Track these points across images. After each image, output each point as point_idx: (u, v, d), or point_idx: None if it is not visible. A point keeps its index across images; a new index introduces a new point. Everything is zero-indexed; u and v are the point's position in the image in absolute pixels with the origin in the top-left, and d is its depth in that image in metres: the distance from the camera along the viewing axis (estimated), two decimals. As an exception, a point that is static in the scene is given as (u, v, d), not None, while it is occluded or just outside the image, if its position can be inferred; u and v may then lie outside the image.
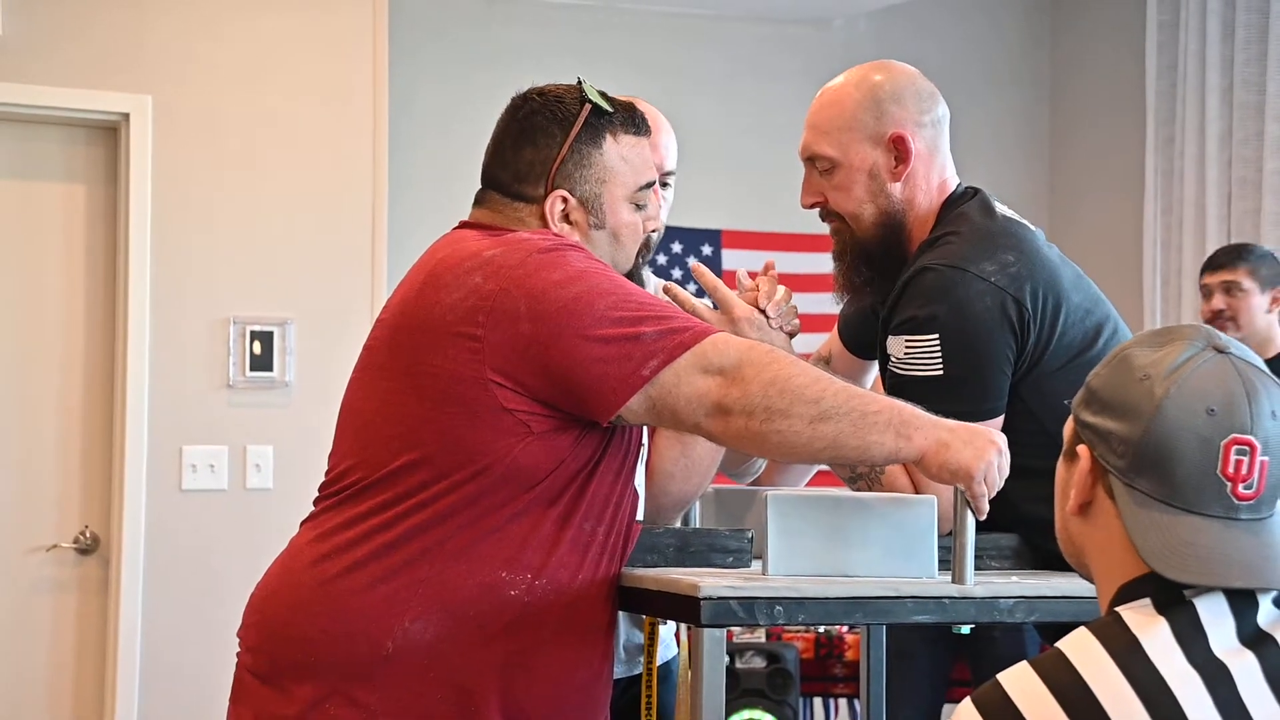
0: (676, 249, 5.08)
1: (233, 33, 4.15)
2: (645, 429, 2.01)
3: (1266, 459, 1.25)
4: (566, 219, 1.88)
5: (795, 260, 4.86)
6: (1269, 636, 1.25)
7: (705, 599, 1.68)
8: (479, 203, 1.93)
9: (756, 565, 1.93)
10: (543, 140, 1.87)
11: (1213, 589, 1.25)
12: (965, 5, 5.52)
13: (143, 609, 3.99)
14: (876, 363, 2.35)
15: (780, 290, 2.06)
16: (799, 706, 4.28)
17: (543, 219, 1.88)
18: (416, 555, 1.75)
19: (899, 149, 2.09)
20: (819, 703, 4.51)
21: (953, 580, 1.80)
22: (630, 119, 1.91)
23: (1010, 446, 1.95)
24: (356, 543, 1.77)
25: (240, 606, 1.91)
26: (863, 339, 2.30)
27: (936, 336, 1.98)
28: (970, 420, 1.89)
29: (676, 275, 5.02)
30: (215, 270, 4.09)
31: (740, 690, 4.18)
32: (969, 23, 5.51)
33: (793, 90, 5.30)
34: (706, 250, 5.15)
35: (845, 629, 4.35)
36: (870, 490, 2.01)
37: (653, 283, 2.49)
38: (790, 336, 2.09)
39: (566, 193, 1.87)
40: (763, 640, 4.30)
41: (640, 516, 1.95)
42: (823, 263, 2.21)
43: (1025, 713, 1.22)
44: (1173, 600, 1.25)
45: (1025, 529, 2.07)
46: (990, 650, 4.09)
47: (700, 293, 2.21)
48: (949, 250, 2.03)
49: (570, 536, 1.79)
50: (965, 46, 5.47)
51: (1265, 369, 1.31)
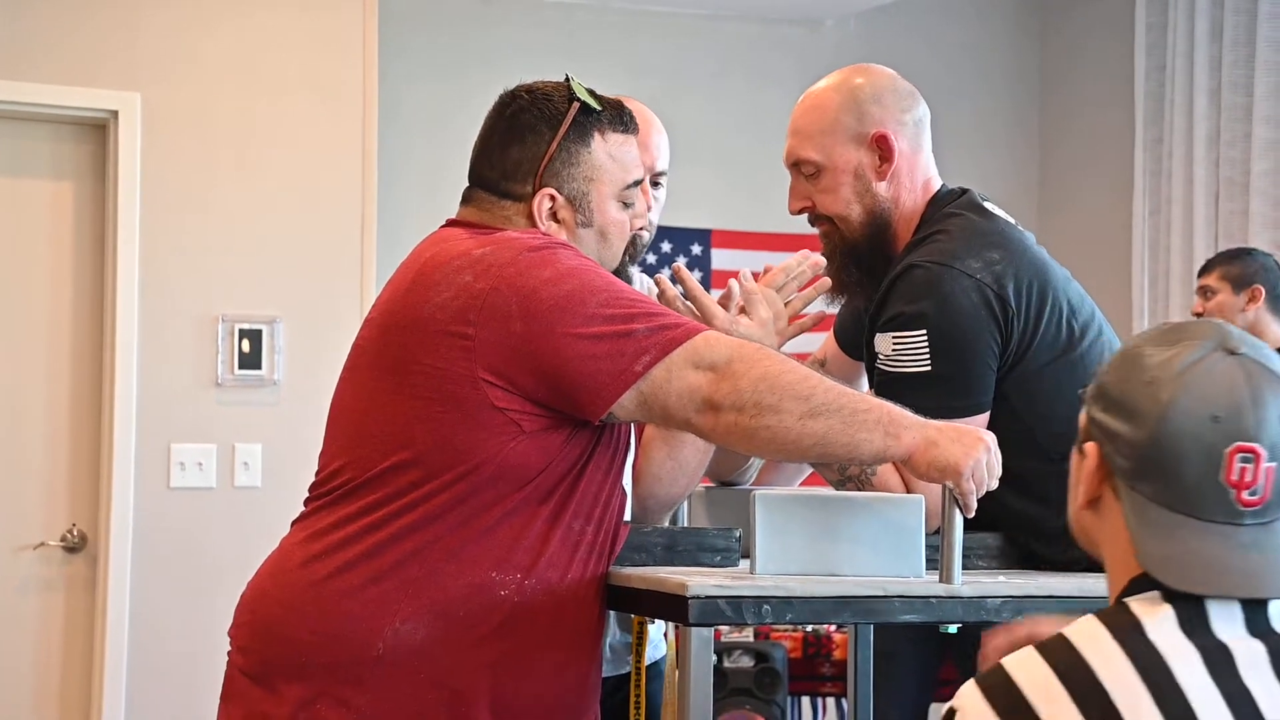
0: (666, 248, 5.08)
1: (221, 30, 4.14)
2: (634, 430, 2.01)
3: (1273, 465, 1.24)
4: (554, 217, 1.88)
5: (784, 261, 4.86)
6: (1277, 633, 1.24)
7: (693, 598, 1.68)
8: (466, 201, 1.93)
9: (744, 564, 1.93)
10: (531, 138, 1.87)
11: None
12: (956, 6, 5.53)
13: (130, 607, 3.98)
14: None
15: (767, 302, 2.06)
16: (786, 706, 4.29)
17: (530, 217, 1.87)
18: (407, 556, 1.75)
19: (882, 148, 2.10)
20: (806, 702, 4.51)
21: (940, 579, 1.80)
22: (618, 117, 1.91)
23: (1002, 451, 1.96)
24: (347, 543, 1.77)
25: (229, 604, 1.90)
26: (857, 340, 2.30)
27: (924, 332, 1.99)
28: (958, 415, 1.89)
29: (667, 276, 5.02)
30: (203, 268, 4.09)
31: (728, 689, 4.19)
32: (959, 23, 5.52)
33: (783, 90, 5.30)
34: (696, 250, 5.15)
35: (833, 628, 4.36)
36: (860, 490, 2.01)
37: (644, 283, 2.49)
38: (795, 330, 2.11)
39: (554, 191, 1.87)
40: (751, 639, 4.30)
41: (627, 517, 1.95)
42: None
43: (1026, 691, 1.21)
44: (1181, 594, 1.24)
45: (1012, 528, 2.08)
46: (978, 650, 4.10)
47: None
48: (936, 248, 2.04)
49: (560, 535, 1.79)
50: (956, 47, 5.48)
51: (1278, 369, 1.28)
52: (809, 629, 4.36)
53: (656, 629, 2.25)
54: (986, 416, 2.02)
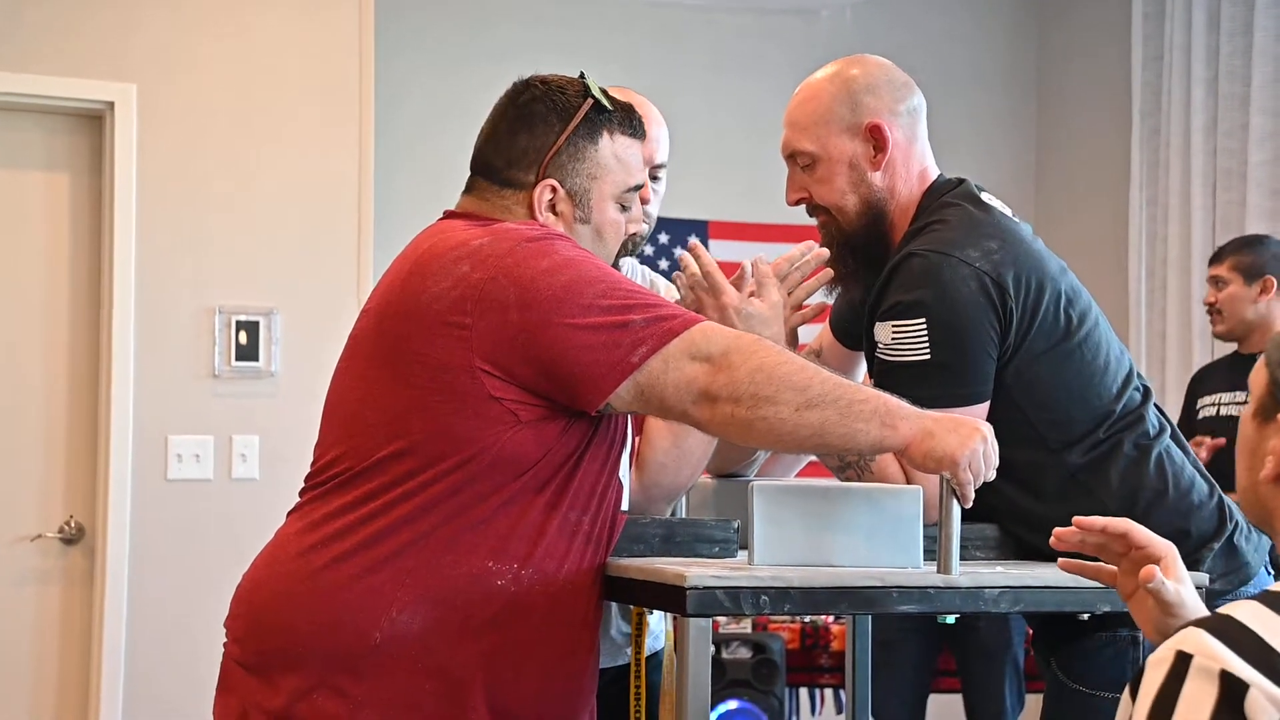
0: (664, 240, 5.08)
1: (218, 22, 4.14)
2: (631, 420, 2.01)
3: None
4: (553, 209, 1.88)
5: (782, 251, 4.86)
6: None
7: (691, 589, 1.68)
8: (468, 190, 1.93)
9: (742, 555, 1.93)
10: (541, 128, 1.87)
11: None
12: (952, -4, 5.53)
13: (128, 599, 3.98)
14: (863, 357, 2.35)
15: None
16: (784, 697, 4.29)
17: (530, 207, 1.87)
18: (404, 545, 1.75)
19: (876, 138, 2.11)
20: (804, 693, 4.52)
21: (938, 570, 1.80)
22: (628, 120, 1.91)
23: (1000, 442, 1.96)
24: (344, 533, 1.77)
25: (226, 596, 1.90)
26: (853, 330, 2.31)
27: (923, 321, 1.99)
28: (958, 404, 1.89)
29: (664, 266, 5.02)
30: (200, 260, 4.08)
31: (726, 680, 4.19)
32: (955, 13, 5.52)
33: (779, 81, 5.29)
34: (693, 240, 5.14)
35: (831, 619, 4.36)
36: (860, 478, 2.02)
37: (644, 274, 2.49)
38: (797, 322, 2.11)
39: (556, 183, 1.87)
40: (749, 631, 4.31)
41: (625, 507, 1.95)
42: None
43: (1256, 628, 1.17)
44: None
45: (1009, 520, 2.08)
46: (975, 640, 4.11)
47: None
48: (934, 237, 2.05)
49: (556, 526, 1.79)
50: (952, 36, 5.47)
51: None
52: (807, 620, 4.36)
53: (658, 620, 2.25)
54: (987, 406, 2.02)
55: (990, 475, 1.78)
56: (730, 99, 5.21)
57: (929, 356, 1.99)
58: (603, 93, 1.90)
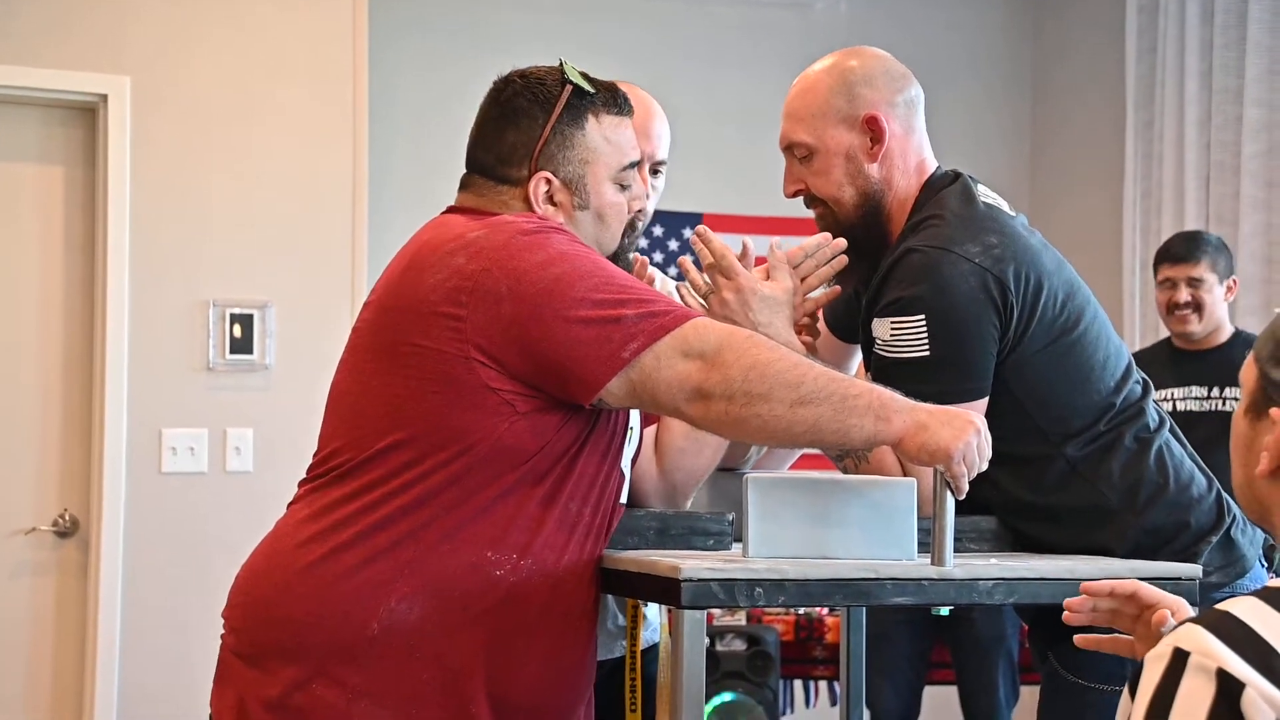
0: (658, 232, 5.08)
1: (211, 13, 4.13)
2: (639, 412, 2.01)
3: None
4: (551, 200, 1.88)
5: (779, 243, 4.86)
6: None
7: (686, 581, 1.68)
8: (464, 186, 1.94)
9: (737, 548, 1.93)
10: (525, 122, 1.87)
11: None
12: (946, -11, 5.52)
13: (122, 592, 3.98)
14: (858, 349, 2.35)
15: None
16: (779, 689, 4.30)
17: (527, 201, 1.88)
18: (402, 536, 1.75)
19: (873, 130, 2.11)
20: (799, 685, 4.53)
21: (932, 562, 1.81)
22: (612, 99, 1.91)
23: (993, 432, 1.96)
24: (342, 524, 1.77)
25: (220, 588, 1.91)
26: (846, 322, 2.31)
27: (922, 317, 1.99)
28: (957, 400, 1.89)
29: (658, 259, 5.02)
30: (194, 253, 4.08)
31: (721, 673, 4.19)
32: (950, 6, 5.52)
33: (774, 75, 5.29)
34: (688, 233, 5.14)
35: (825, 612, 4.37)
36: (857, 468, 2.02)
37: (659, 281, 2.48)
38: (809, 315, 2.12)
39: (550, 174, 1.87)
40: (743, 623, 4.31)
41: (625, 499, 1.96)
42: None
43: (1253, 624, 1.17)
44: None
45: (1007, 512, 2.08)
46: (969, 632, 4.12)
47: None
48: (933, 233, 2.04)
49: (556, 517, 1.79)
50: (947, 30, 5.47)
51: None
52: (801, 612, 4.37)
53: (654, 612, 2.25)
54: (986, 401, 2.02)
55: (983, 467, 1.78)
56: (725, 92, 5.21)
57: (928, 353, 1.99)
58: (583, 76, 1.90)
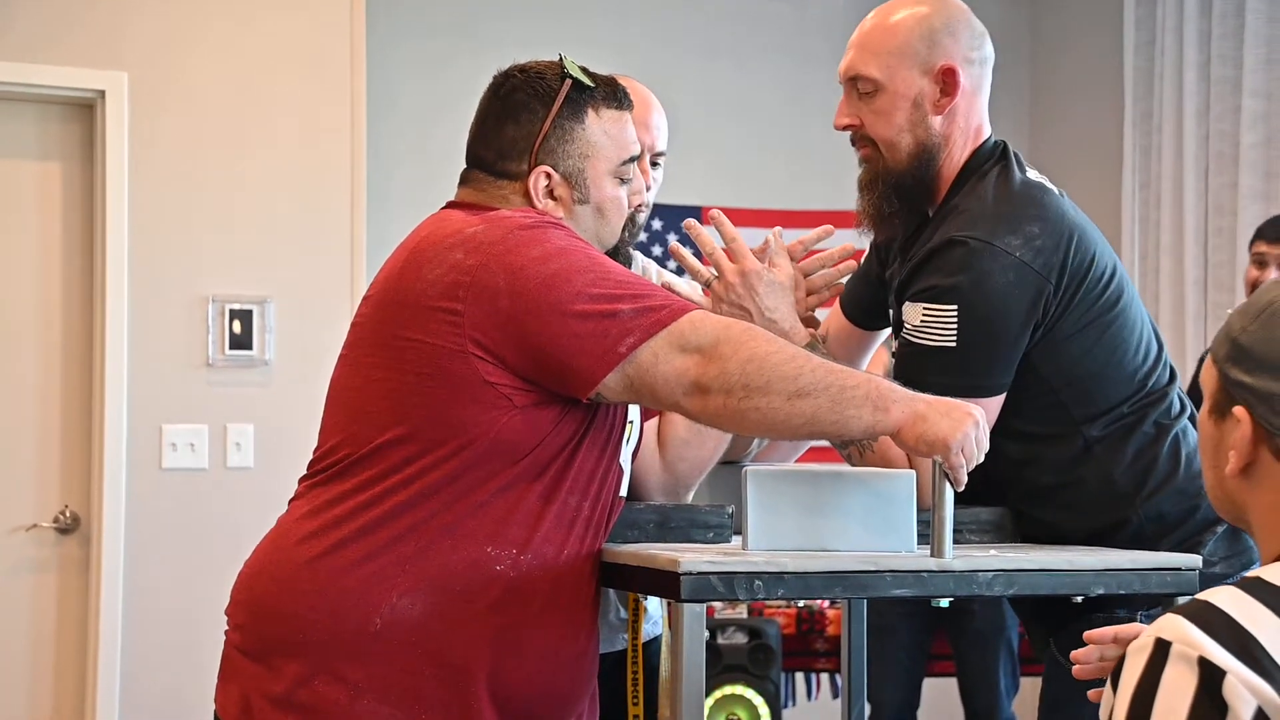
0: (657, 226, 5.08)
1: (210, 9, 4.12)
2: (639, 406, 2.01)
3: None
4: (551, 195, 1.88)
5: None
6: None
7: (685, 574, 1.68)
8: (464, 181, 1.94)
9: (737, 541, 1.94)
10: (524, 117, 1.87)
11: None
12: (944, -20, 5.52)
13: (124, 588, 3.98)
14: (879, 335, 2.33)
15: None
16: (781, 682, 4.30)
17: (527, 196, 1.88)
18: (403, 532, 1.76)
19: (947, 81, 2.06)
20: (800, 678, 4.53)
21: (931, 554, 1.81)
22: (612, 93, 1.91)
23: (1017, 411, 1.95)
24: (343, 519, 1.78)
25: (222, 585, 1.91)
26: (867, 305, 2.27)
27: (955, 308, 1.97)
28: (973, 395, 1.88)
29: (657, 253, 5.02)
30: (193, 248, 4.08)
31: (722, 666, 4.20)
32: None
33: (772, 67, 5.30)
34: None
35: (826, 604, 4.37)
36: (862, 458, 2.01)
37: (638, 262, 2.49)
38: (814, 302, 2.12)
39: (550, 169, 1.87)
40: (744, 616, 4.31)
41: (625, 492, 1.96)
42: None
43: (1233, 613, 1.17)
44: None
45: (1020, 494, 2.07)
46: (970, 624, 4.12)
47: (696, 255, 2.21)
48: (976, 219, 2.00)
49: (555, 511, 1.79)
50: (944, 22, 5.46)
51: None
52: (802, 605, 4.37)
53: (656, 605, 2.25)
54: (1002, 397, 2.00)
55: (980, 459, 1.78)
56: (723, 85, 5.21)
57: (954, 345, 1.97)
58: (583, 70, 1.90)
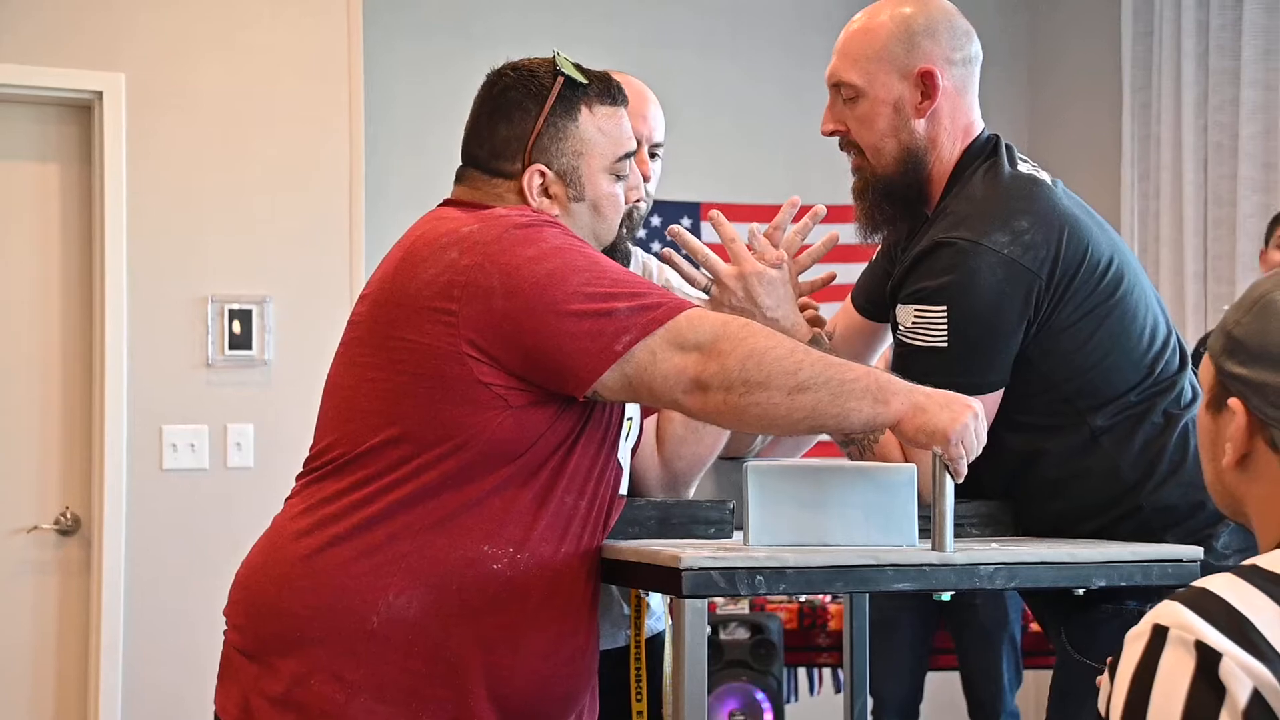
0: (655, 222, 5.08)
1: (205, 9, 4.12)
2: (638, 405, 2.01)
3: None
4: (546, 193, 1.88)
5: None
6: None
7: (686, 570, 1.68)
8: (459, 180, 1.93)
9: (738, 536, 1.93)
10: (517, 115, 1.87)
11: None
12: (941, -26, 5.51)
13: (125, 590, 3.98)
14: (888, 330, 2.34)
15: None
16: (783, 677, 4.30)
17: (522, 194, 1.87)
18: (398, 530, 1.75)
19: (926, 84, 2.05)
20: (803, 673, 4.53)
21: (933, 547, 1.81)
22: (605, 89, 1.90)
23: (1020, 404, 1.94)
24: (339, 518, 1.77)
25: (223, 585, 1.91)
26: (878, 299, 2.27)
27: (944, 309, 1.97)
28: (972, 393, 1.87)
29: (656, 249, 5.01)
30: (192, 249, 4.07)
31: (724, 661, 4.20)
32: (945, -9, 5.50)
33: (770, 61, 5.29)
34: (685, 223, 5.14)
35: (828, 599, 4.37)
36: (863, 454, 2.01)
37: (656, 271, 2.48)
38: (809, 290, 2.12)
39: (544, 167, 1.87)
40: (746, 611, 4.32)
41: (624, 490, 1.96)
42: (810, 237, 2.21)
43: (1231, 600, 1.19)
44: None
45: (1027, 487, 2.07)
46: (972, 618, 4.12)
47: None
48: (963, 218, 2.00)
49: (551, 510, 1.79)
50: (942, 15, 5.46)
51: None
52: (804, 600, 4.37)
53: (659, 601, 2.25)
54: (999, 394, 2.00)
55: (979, 451, 1.77)
56: (721, 80, 5.20)
57: (946, 345, 1.97)
58: (576, 67, 1.89)
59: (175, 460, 4.04)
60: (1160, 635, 1.18)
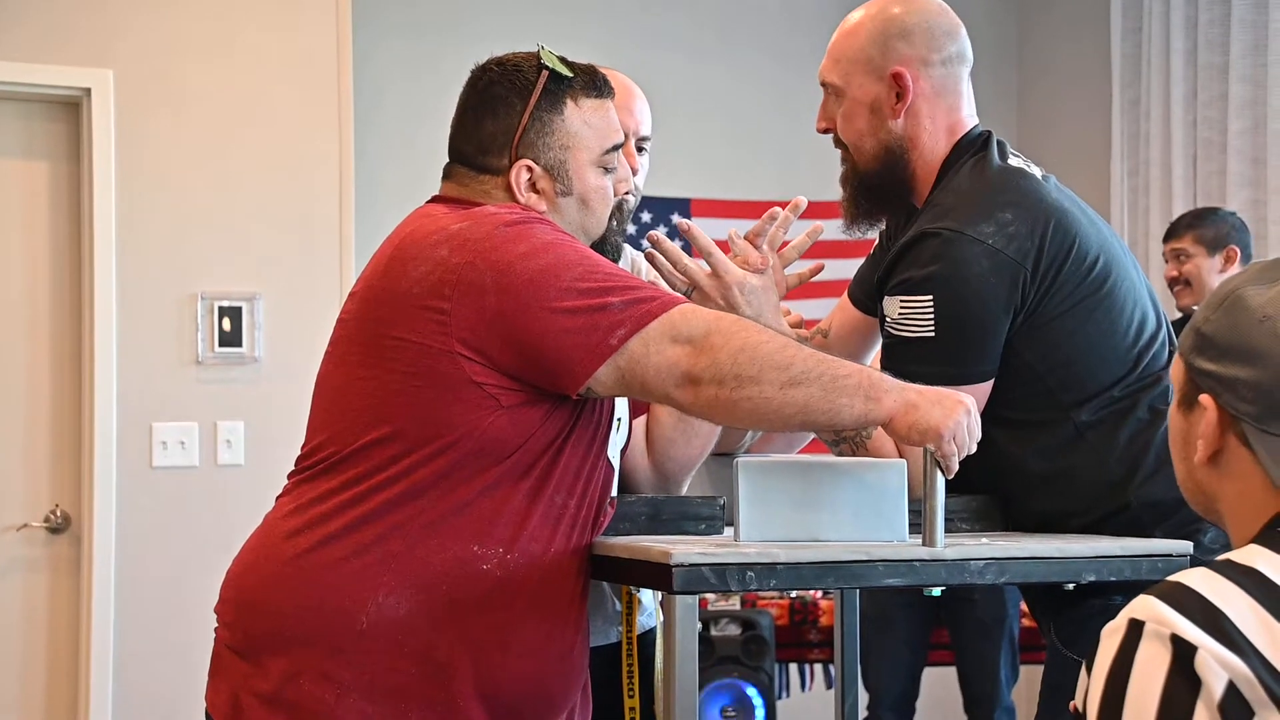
0: (646, 218, 5.08)
1: (195, 6, 4.11)
2: (629, 403, 2.01)
3: None
4: (533, 188, 1.88)
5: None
6: None
7: (677, 566, 1.68)
8: (446, 176, 1.93)
9: (729, 532, 1.94)
10: (503, 110, 1.86)
11: None
12: (931, -30, 5.51)
13: (115, 587, 3.97)
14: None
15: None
16: (774, 673, 4.30)
17: (509, 190, 1.87)
18: (389, 530, 1.75)
19: (898, 85, 2.08)
20: (794, 669, 4.53)
21: (923, 543, 1.81)
22: (591, 82, 1.90)
23: (1005, 400, 1.94)
24: (329, 517, 1.77)
25: (213, 583, 1.90)
26: (874, 293, 2.28)
27: (930, 299, 1.98)
28: (955, 383, 1.88)
29: (647, 246, 5.01)
30: (181, 246, 4.07)
31: (716, 657, 4.20)
32: (935, -13, 5.51)
33: (760, 55, 5.29)
34: (677, 218, 5.14)
35: (819, 595, 4.37)
36: (854, 453, 2.02)
37: (628, 255, 2.48)
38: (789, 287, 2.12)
39: (531, 162, 1.87)
40: (737, 607, 4.32)
41: (615, 491, 1.95)
42: (794, 229, 2.22)
43: (1205, 593, 1.19)
44: None
45: (1013, 483, 2.07)
46: (971, 613, 4.11)
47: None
48: (948, 210, 2.02)
49: (541, 510, 1.79)
50: (931, 11, 5.46)
51: None
52: (795, 596, 4.38)
53: (650, 596, 2.25)
54: (988, 385, 2.01)
55: (973, 448, 1.78)
56: (710, 76, 5.20)
57: (933, 334, 1.98)
58: (561, 60, 1.89)
59: (165, 458, 4.04)
60: (1136, 629, 1.19)
